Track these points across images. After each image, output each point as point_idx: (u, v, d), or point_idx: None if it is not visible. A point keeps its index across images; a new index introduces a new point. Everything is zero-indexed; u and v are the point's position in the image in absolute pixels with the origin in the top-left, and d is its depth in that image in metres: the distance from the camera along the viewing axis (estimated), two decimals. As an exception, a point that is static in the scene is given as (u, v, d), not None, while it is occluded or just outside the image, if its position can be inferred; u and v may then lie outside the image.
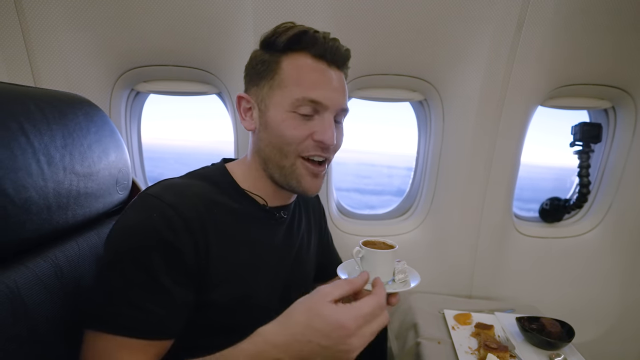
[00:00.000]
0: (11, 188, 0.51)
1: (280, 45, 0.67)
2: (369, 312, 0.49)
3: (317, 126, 0.67)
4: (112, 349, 0.53)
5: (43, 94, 0.64)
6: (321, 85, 0.66)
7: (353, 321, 0.48)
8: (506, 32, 1.11)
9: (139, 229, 0.56)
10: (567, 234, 1.50)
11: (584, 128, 1.39)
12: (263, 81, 0.69)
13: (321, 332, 0.48)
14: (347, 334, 0.47)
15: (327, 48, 0.67)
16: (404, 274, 0.66)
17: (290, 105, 0.66)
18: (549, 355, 0.95)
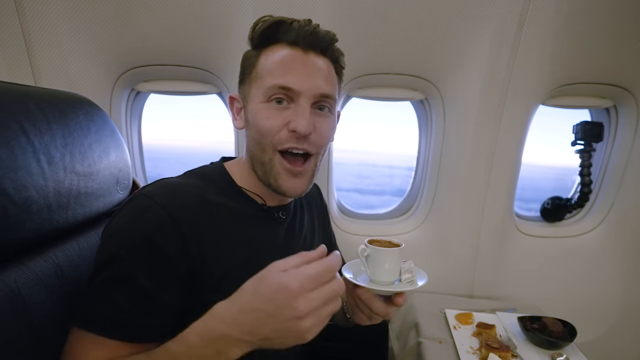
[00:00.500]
0: (11, 187, 0.51)
1: (257, 40, 0.67)
2: (314, 274, 0.45)
3: (291, 115, 0.64)
4: (86, 345, 0.53)
5: (43, 94, 0.64)
6: (293, 70, 0.64)
7: (296, 281, 0.44)
8: (507, 31, 1.11)
9: (126, 229, 0.56)
10: (568, 234, 1.50)
11: (585, 127, 1.38)
12: (246, 78, 0.69)
13: (265, 296, 0.45)
14: (291, 295, 0.43)
15: (301, 34, 0.64)
16: (410, 274, 0.64)
17: (263, 96, 0.65)
18: (551, 354, 0.94)
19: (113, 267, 0.53)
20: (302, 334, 0.44)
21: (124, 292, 0.53)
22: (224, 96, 1.28)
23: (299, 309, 0.43)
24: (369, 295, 0.61)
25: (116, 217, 0.59)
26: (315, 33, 0.65)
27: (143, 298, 0.53)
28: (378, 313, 0.62)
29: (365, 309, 0.64)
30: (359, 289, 0.61)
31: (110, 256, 0.54)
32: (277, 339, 0.45)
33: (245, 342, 0.46)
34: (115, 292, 0.53)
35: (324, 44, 0.67)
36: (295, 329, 0.44)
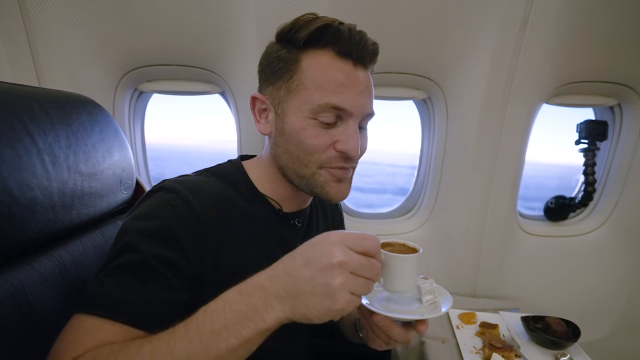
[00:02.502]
0: (16, 188, 0.51)
1: (299, 41, 0.60)
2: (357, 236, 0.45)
3: (340, 135, 0.61)
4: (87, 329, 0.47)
5: (47, 94, 0.64)
6: (346, 89, 0.59)
7: (339, 234, 0.45)
8: (511, 29, 1.10)
9: (146, 220, 0.55)
10: (572, 233, 1.49)
11: (589, 126, 1.37)
12: (280, 81, 0.63)
13: (306, 245, 0.46)
14: (330, 241, 0.44)
15: (353, 44, 0.59)
16: (432, 295, 0.56)
17: (310, 112, 0.60)
18: (555, 354, 0.94)
19: (128, 254, 0.51)
20: (334, 292, 0.42)
21: (135, 276, 0.50)
22: (226, 96, 1.28)
23: (334, 255, 0.42)
24: (387, 322, 0.54)
25: (137, 208, 0.58)
26: (365, 44, 0.61)
27: (154, 285, 0.51)
28: (397, 340, 0.56)
29: (382, 336, 0.58)
30: (375, 315, 0.54)
31: (127, 244, 0.52)
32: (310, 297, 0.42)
33: (279, 298, 0.43)
34: (126, 276, 0.50)
35: (371, 56, 0.64)
36: (327, 281, 0.42)
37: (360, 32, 0.61)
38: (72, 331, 0.47)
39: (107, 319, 0.47)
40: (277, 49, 0.64)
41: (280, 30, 0.63)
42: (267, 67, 0.65)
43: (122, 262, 0.51)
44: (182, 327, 0.43)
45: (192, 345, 0.41)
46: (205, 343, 0.41)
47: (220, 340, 0.42)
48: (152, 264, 0.50)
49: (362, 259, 0.44)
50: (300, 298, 0.43)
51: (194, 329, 0.43)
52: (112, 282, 0.50)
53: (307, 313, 0.43)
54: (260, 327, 0.43)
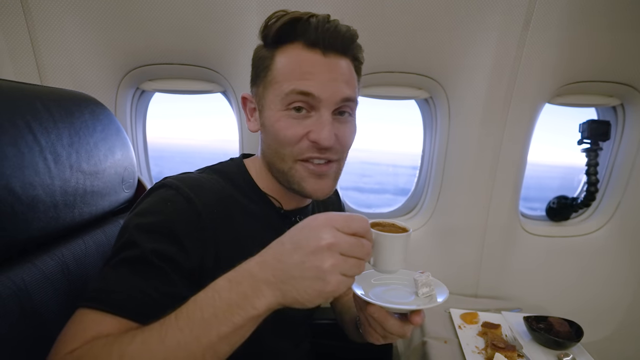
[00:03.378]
0: (18, 186, 0.51)
1: (272, 39, 0.62)
2: (345, 216, 0.44)
3: (312, 125, 0.61)
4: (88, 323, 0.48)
5: (49, 93, 0.64)
6: (313, 75, 0.59)
7: (325, 216, 0.44)
8: (514, 29, 1.10)
9: (148, 216, 0.55)
10: (574, 233, 1.49)
11: (592, 126, 1.37)
12: (259, 79, 0.65)
13: (294, 230, 0.45)
14: (317, 224, 0.43)
15: (321, 33, 0.59)
16: (428, 287, 0.57)
17: (281, 103, 0.61)
18: (558, 355, 0.94)
19: (129, 250, 0.52)
20: (324, 275, 0.41)
21: (136, 271, 0.51)
22: (228, 95, 1.28)
23: (323, 237, 0.42)
24: (382, 313, 0.54)
25: (139, 205, 0.59)
26: (336, 32, 0.60)
27: (154, 279, 0.51)
28: (393, 332, 0.55)
29: (378, 328, 0.57)
30: (370, 306, 0.54)
31: (129, 240, 0.53)
32: (300, 281, 0.42)
33: (268, 284, 0.43)
34: (127, 271, 0.51)
35: (346, 43, 0.63)
36: (317, 264, 0.41)
37: (333, 21, 0.61)
38: (73, 325, 0.48)
39: (107, 313, 0.47)
40: (259, 50, 0.66)
41: (260, 30, 0.65)
42: (252, 67, 0.68)
43: (124, 258, 0.52)
44: (173, 317, 0.43)
45: (183, 335, 0.41)
46: (196, 332, 0.41)
47: (210, 329, 0.42)
48: (151, 258, 0.51)
49: (352, 240, 0.43)
50: (290, 283, 0.42)
51: (184, 319, 0.43)
52: (114, 277, 0.51)
53: (299, 297, 0.42)
54: (251, 314, 0.42)
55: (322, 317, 1.21)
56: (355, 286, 0.58)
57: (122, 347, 0.42)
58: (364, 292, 0.57)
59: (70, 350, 0.44)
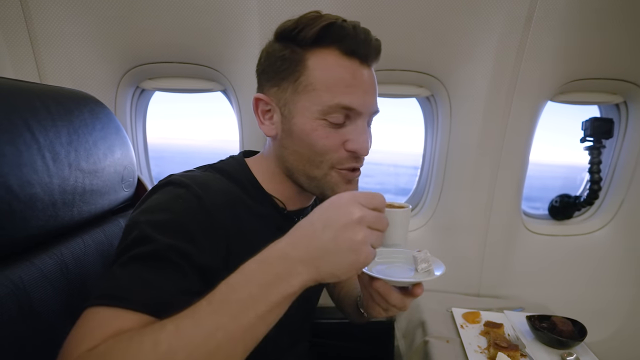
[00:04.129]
0: (16, 184, 0.51)
1: (304, 41, 0.60)
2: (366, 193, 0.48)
3: (349, 134, 0.62)
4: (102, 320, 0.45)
5: (48, 91, 0.64)
6: (354, 88, 0.60)
7: (349, 194, 0.47)
8: (515, 25, 1.09)
9: (158, 212, 0.54)
10: (577, 232, 1.48)
11: (595, 123, 1.35)
12: (285, 82, 0.62)
13: (320, 209, 0.47)
14: (344, 202, 0.46)
15: (359, 42, 0.59)
16: (427, 263, 0.62)
17: (319, 113, 0.60)
18: (561, 354, 0.93)
19: (141, 246, 0.50)
20: (358, 246, 0.44)
21: (150, 267, 0.49)
22: (228, 93, 1.27)
23: (353, 212, 0.45)
24: (386, 287, 0.59)
25: (146, 202, 0.57)
26: (369, 41, 0.61)
27: (171, 274, 0.49)
28: (395, 305, 0.60)
29: (382, 302, 0.62)
30: (375, 281, 0.59)
31: (139, 236, 0.50)
32: (335, 255, 0.44)
33: (303, 262, 0.44)
34: (140, 267, 0.49)
35: (377, 53, 0.64)
36: (350, 237, 0.44)
37: (365, 29, 0.61)
38: (86, 323, 0.45)
39: (124, 309, 0.45)
40: (280, 49, 0.62)
41: (282, 29, 0.62)
42: (268, 67, 0.65)
43: (136, 254, 0.49)
44: (205, 302, 0.42)
45: (220, 317, 0.40)
46: (234, 313, 0.41)
47: (248, 309, 0.41)
48: (167, 254, 0.49)
49: (375, 213, 0.47)
50: (325, 258, 0.44)
51: (218, 302, 0.42)
52: (126, 274, 0.48)
53: (335, 271, 0.44)
54: (287, 292, 0.43)
55: (322, 317, 1.21)
56: None
57: (154, 335, 0.39)
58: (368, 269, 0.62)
59: (88, 348, 0.41)
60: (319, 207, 0.48)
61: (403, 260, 0.69)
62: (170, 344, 0.38)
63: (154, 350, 0.37)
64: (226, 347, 0.40)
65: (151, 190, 0.60)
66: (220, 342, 0.39)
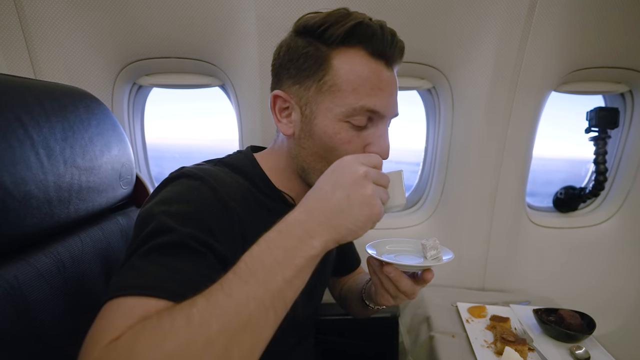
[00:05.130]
0: (9, 181, 0.49)
1: (331, 39, 0.58)
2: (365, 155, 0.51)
3: (370, 137, 0.61)
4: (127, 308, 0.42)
5: (42, 86, 0.62)
6: (380, 91, 0.59)
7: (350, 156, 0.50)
8: (518, 14, 1.07)
9: (175, 203, 0.52)
10: (582, 224, 1.46)
11: (600, 114, 1.33)
12: (309, 81, 0.60)
13: (326, 175, 0.49)
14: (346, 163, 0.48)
15: (386, 44, 0.58)
16: (435, 250, 0.64)
17: (343, 115, 0.59)
18: (569, 347, 0.91)
19: (162, 236, 0.48)
20: (369, 199, 0.46)
21: (173, 255, 0.47)
22: (227, 88, 1.26)
23: (358, 170, 0.47)
24: (397, 272, 0.60)
25: (160, 193, 0.56)
26: (396, 44, 0.60)
27: (193, 262, 0.48)
28: (405, 291, 0.61)
29: (391, 288, 0.62)
30: (386, 267, 0.60)
31: (158, 227, 0.49)
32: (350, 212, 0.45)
33: (321, 224, 0.45)
34: (162, 255, 0.47)
35: (401, 56, 0.63)
36: (361, 192, 0.46)
37: (391, 30, 0.60)
38: (110, 314, 0.42)
39: (149, 297, 0.42)
40: (304, 45, 0.60)
41: (307, 24, 0.60)
42: (289, 63, 0.62)
43: (156, 244, 0.47)
44: (231, 274, 0.41)
45: (249, 286, 0.40)
46: (262, 280, 0.40)
47: (275, 274, 0.41)
48: (189, 242, 0.48)
49: (377, 170, 0.49)
50: (341, 217, 0.45)
51: (245, 272, 0.41)
52: (148, 263, 0.46)
53: (353, 227, 0.45)
54: (310, 254, 0.44)
55: (327, 314, 1.19)
56: (370, 250, 0.66)
57: (185, 311, 0.37)
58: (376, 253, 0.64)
59: (114, 337, 0.37)
60: (323, 175, 0.50)
61: (412, 250, 0.71)
62: (203, 316, 0.37)
63: (187, 324, 0.36)
64: (258, 315, 0.39)
65: (163, 182, 0.59)
66: (252, 311, 0.39)
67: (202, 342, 0.35)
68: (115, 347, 0.36)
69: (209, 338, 0.36)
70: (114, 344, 0.37)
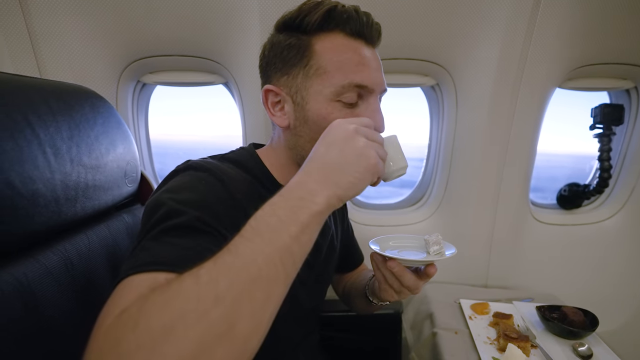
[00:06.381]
0: (18, 180, 0.50)
1: (310, 26, 0.60)
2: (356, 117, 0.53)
3: (363, 112, 0.63)
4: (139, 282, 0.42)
5: (48, 85, 0.63)
6: (364, 66, 0.61)
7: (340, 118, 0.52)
8: (522, 11, 1.06)
9: (183, 192, 0.53)
10: (586, 221, 1.45)
11: (604, 110, 1.32)
12: (295, 69, 0.62)
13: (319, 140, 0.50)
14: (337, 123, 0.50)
15: (362, 24, 0.61)
16: (438, 245, 0.65)
17: (333, 94, 0.60)
18: (572, 344, 0.91)
19: (171, 219, 0.49)
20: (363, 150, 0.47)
21: (183, 235, 0.48)
22: (230, 86, 1.26)
23: (348, 127, 0.49)
24: (400, 267, 0.61)
25: (168, 183, 0.57)
26: (371, 25, 0.63)
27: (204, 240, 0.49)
28: (409, 286, 0.62)
29: (395, 283, 0.63)
30: (389, 262, 0.62)
31: (168, 212, 0.50)
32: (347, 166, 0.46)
33: (320, 182, 0.45)
34: (173, 236, 0.48)
35: (378, 34, 0.65)
36: (353, 145, 0.47)
37: (365, 12, 0.63)
38: (121, 290, 0.42)
39: (160, 271, 0.43)
40: (285, 38, 0.63)
41: (284, 19, 0.63)
42: (275, 58, 0.65)
43: (166, 227, 0.48)
44: (237, 237, 0.42)
45: (255, 244, 0.40)
46: (267, 237, 0.41)
47: (281, 232, 0.41)
48: (198, 224, 0.50)
49: (368, 128, 0.51)
50: (340, 171, 0.46)
51: (250, 232, 0.42)
52: (159, 244, 0.47)
53: (352, 179, 0.46)
54: (314, 210, 0.44)
55: (331, 310, 1.20)
56: (373, 245, 0.67)
57: (192, 273, 0.37)
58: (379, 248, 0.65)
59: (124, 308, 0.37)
60: (317, 142, 0.51)
61: (415, 245, 0.72)
62: (211, 274, 0.37)
63: (195, 283, 0.36)
64: (267, 270, 0.39)
65: (171, 173, 0.60)
66: (260, 266, 0.38)
67: (211, 298, 0.35)
68: (126, 312, 0.36)
69: (218, 294, 0.35)
70: (125, 310, 0.37)
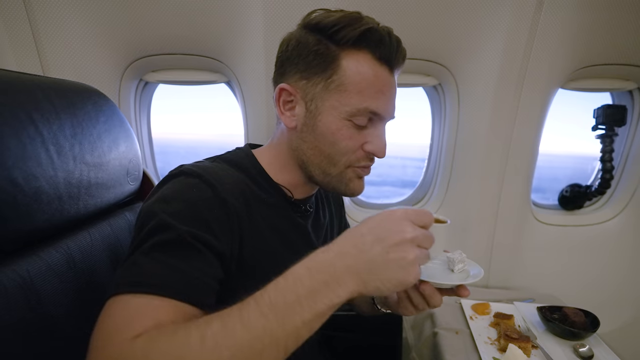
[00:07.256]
0: (21, 177, 0.50)
1: (343, 40, 0.59)
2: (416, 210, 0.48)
3: (369, 136, 0.64)
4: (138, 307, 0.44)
5: (51, 83, 0.63)
6: (383, 95, 0.62)
7: (402, 211, 0.47)
8: (525, 11, 1.06)
9: (174, 201, 0.53)
10: (588, 222, 1.45)
11: (607, 111, 1.32)
12: (317, 77, 0.61)
13: (372, 222, 0.47)
14: (397, 218, 0.46)
15: (392, 51, 0.61)
16: (463, 264, 0.62)
17: (347, 114, 0.61)
18: (573, 345, 0.91)
19: (162, 233, 0.49)
20: (408, 266, 0.44)
21: (173, 253, 0.48)
22: (232, 85, 1.26)
23: (406, 231, 0.45)
24: (432, 290, 0.58)
25: (159, 191, 0.57)
26: (400, 51, 0.62)
27: (194, 260, 0.49)
28: (435, 306, 0.60)
29: (421, 304, 0.61)
30: (422, 285, 0.59)
31: (159, 224, 0.50)
32: (383, 271, 0.44)
33: (351, 273, 0.44)
34: (163, 253, 0.48)
35: (403, 64, 0.65)
36: (402, 255, 0.44)
37: (397, 38, 0.62)
38: (120, 311, 0.43)
39: (157, 296, 0.44)
40: (314, 42, 0.61)
41: (319, 22, 0.61)
42: (298, 58, 0.63)
43: (157, 242, 0.49)
44: (252, 302, 0.42)
45: (268, 320, 0.40)
46: (281, 317, 0.41)
47: (294, 315, 0.41)
48: (188, 240, 0.49)
49: (426, 233, 0.47)
50: (373, 272, 0.44)
51: (267, 305, 0.41)
52: (150, 261, 0.47)
53: (381, 286, 0.44)
54: (334, 302, 0.43)
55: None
56: None
57: (200, 330, 0.39)
58: None
59: (131, 336, 0.39)
60: (369, 219, 0.48)
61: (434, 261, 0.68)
62: (217, 341, 0.38)
63: (200, 345, 0.38)
64: (270, 351, 0.40)
65: (163, 179, 0.60)
66: (265, 346, 0.39)
67: None
68: (132, 349, 0.38)
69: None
70: (130, 346, 0.39)
